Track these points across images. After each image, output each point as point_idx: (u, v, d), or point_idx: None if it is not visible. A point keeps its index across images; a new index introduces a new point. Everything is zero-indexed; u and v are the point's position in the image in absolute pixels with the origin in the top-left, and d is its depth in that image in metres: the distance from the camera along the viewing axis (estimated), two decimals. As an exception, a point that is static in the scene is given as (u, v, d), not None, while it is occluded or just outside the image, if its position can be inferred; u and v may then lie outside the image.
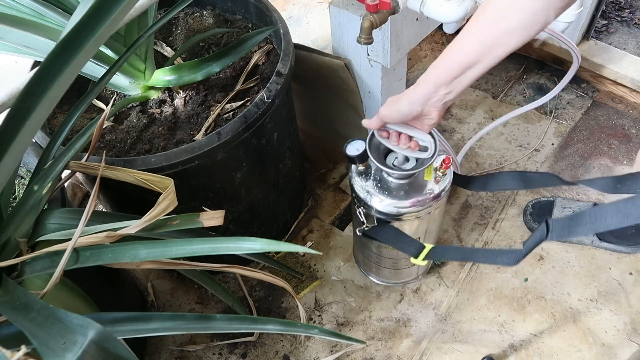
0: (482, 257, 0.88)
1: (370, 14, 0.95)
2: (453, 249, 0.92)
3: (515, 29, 0.65)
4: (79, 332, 0.57)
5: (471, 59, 0.69)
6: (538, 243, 0.80)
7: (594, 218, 0.72)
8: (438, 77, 0.73)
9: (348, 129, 1.42)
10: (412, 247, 0.94)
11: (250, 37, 1.07)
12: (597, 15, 1.53)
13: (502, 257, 0.83)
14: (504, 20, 0.65)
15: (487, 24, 0.67)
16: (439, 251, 0.93)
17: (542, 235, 0.78)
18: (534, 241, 0.80)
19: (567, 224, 0.75)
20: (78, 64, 0.56)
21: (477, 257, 0.89)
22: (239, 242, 0.71)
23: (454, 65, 0.71)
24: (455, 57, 0.71)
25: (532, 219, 1.36)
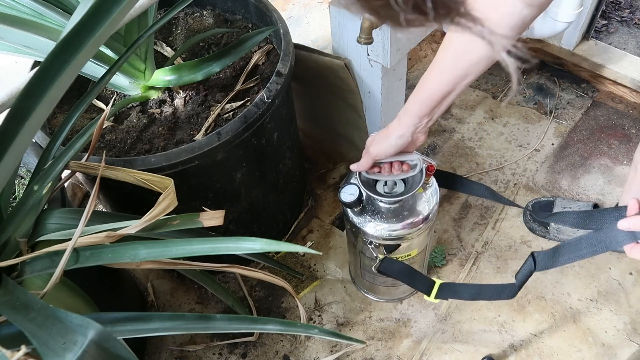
0: (488, 295, 0.96)
1: (370, 14, 0.95)
2: (462, 287, 1.00)
3: (481, 58, 0.72)
4: (79, 332, 0.57)
5: (446, 90, 0.77)
6: (529, 275, 0.89)
7: (573, 250, 0.82)
8: (420, 110, 0.81)
9: (348, 129, 1.42)
10: (423, 284, 1.00)
11: (250, 37, 1.07)
12: (597, 15, 1.53)
13: (504, 293, 0.93)
14: (469, 54, 0.72)
15: (455, 59, 0.74)
16: (449, 289, 0.99)
17: (531, 268, 0.88)
18: (524, 274, 0.89)
19: (551, 255, 0.85)
20: (78, 64, 0.56)
21: (484, 295, 0.97)
22: (239, 242, 0.71)
23: (432, 98, 0.79)
24: (433, 91, 0.78)
25: (532, 219, 1.36)
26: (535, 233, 1.35)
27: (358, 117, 1.33)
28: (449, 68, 0.75)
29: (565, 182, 1.45)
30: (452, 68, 0.75)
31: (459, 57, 0.73)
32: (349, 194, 0.96)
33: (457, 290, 0.99)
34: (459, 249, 1.36)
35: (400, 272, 1.03)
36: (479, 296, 0.97)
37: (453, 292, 0.99)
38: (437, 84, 0.77)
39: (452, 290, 0.99)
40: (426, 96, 0.79)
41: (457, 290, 0.99)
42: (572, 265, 1.30)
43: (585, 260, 1.30)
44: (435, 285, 0.99)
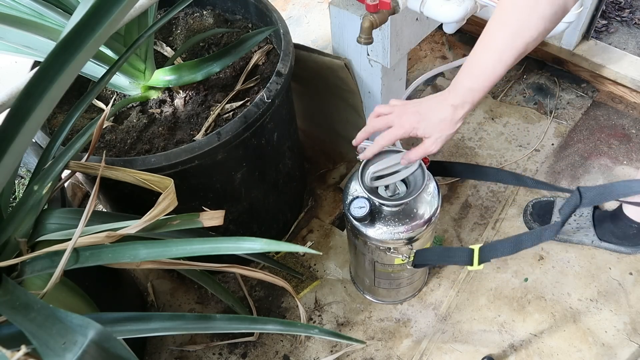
0: (529, 241, 0.90)
1: (370, 14, 0.95)
2: (501, 244, 0.93)
3: (539, 33, 0.69)
4: (79, 332, 0.57)
5: (505, 69, 0.73)
6: (573, 211, 0.85)
7: (625, 185, 0.80)
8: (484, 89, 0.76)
9: (348, 129, 1.42)
10: (462, 256, 0.95)
11: (250, 37, 1.07)
12: (597, 15, 1.53)
13: (545, 235, 0.87)
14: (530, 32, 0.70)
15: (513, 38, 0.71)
16: (488, 251, 0.94)
17: (577, 203, 0.84)
18: (569, 209, 0.85)
19: (600, 191, 0.82)
20: (78, 64, 0.56)
21: (525, 243, 0.90)
22: (239, 242, 0.71)
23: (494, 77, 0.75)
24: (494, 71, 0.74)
25: (532, 219, 1.36)
26: None
27: (358, 117, 1.33)
28: (507, 49, 0.72)
29: (565, 182, 1.45)
30: (510, 48, 0.71)
31: (518, 36, 0.71)
32: (359, 208, 0.95)
33: (496, 249, 0.93)
34: (459, 249, 1.36)
35: (436, 256, 1.01)
36: (521, 246, 0.90)
37: (493, 252, 0.93)
38: (499, 66, 0.74)
39: (492, 250, 0.93)
40: (487, 80, 0.75)
41: (496, 249, 0.93)
42: (572, 265, 1.30)
43: (585, 260, 1.30)
44: (475, 252, 0.94)
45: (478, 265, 0.93)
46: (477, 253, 0.93)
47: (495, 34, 0.72)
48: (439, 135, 0.81)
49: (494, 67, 0.73)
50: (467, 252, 0.94)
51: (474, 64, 0.76)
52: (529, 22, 0.69)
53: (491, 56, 0.73)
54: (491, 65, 0.74)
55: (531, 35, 0.70)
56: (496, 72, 0.74)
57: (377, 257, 1.06)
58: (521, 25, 0.70)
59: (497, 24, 0.72)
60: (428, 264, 1.03)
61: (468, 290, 1.28)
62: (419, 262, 1.01)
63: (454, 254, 0.97)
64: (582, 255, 1.31)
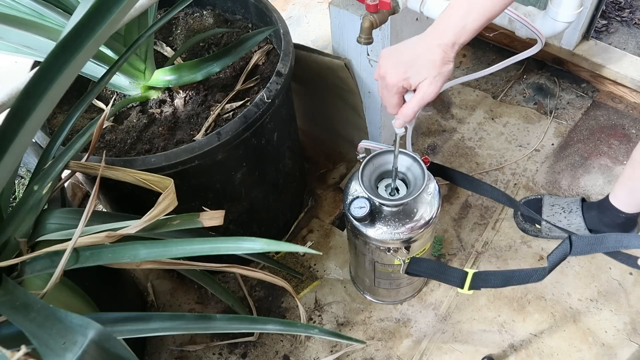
0: (518, 280, 0.91)
1: (370, 14, 0.95)
2: (493, 275, 0.94)
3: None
4: (79, 332, 0.57)
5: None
6: (562, 259, 0.83)
7: (616, 239, 0.78)
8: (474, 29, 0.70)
9: (348, 129, 1.42)
10: (455, 278, 0.95)
11: (250, 37, 1.07)
12: (597, 15, 1.53)
13: (533, 277, 0.88)
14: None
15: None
16: (480, 279, 0.94)
17: (566, 251, 0.82)
18: (557, 257, 0.84)
19: (591, 241, 0.81)
20: (78, 64, 0.56)
21: (514, 281, 0.91)
22: (239, 242, 0.71)
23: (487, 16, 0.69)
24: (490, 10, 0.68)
25: (524, 219, 1.36)
26: (528, 233, 1.35)
27: (358, 117, 1.33)
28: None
29: (565, 182, 1.45)
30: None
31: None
32: (359, 208, 0.94)
33: (488, 279, 0.93)
34: (459, 249, 1.36)
35: (429, 269, 1.00)
36: (510, 282, 0.91)
37: (484, 281, 0.93)
38: (496, 3, 0.67)
39: (484, 279, 0.94)
40: (482, 16, 0.68)
41: (488, 279, 0.93)
42: (572, 265, 1.30)
43: (585, 260, 1.30)
44: (468, 277, 0.93)
45: (467, 290, 0.94)
46: (470, 278, 0.94)
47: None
48: (434, 73, 0.71)
49: (494, 4, 0.67)
50: (461, 274, 0.95)
51: (473, 1, 0.68)
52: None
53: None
54: (491, 2, 0.67)
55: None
56: (495, 8, 0.67)
57: (377, 257, 1.06)
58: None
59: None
60: (421, 275, 1.02)
61: (468, 290, 1.28)
62: (412, 271, 1.00)
63: (448, 273, 0.97)
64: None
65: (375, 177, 0.97)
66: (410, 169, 0.96)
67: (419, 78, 0.71)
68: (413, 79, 0.72)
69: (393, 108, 0.76)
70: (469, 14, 0.68)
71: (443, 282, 0.99)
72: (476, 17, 0.68)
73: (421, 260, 1.01)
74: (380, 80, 0.75)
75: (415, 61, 0.71)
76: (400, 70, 0.72)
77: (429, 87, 0.71)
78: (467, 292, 0.94)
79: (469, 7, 0.68)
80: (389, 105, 0.77)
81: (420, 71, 0.71)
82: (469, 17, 0.68)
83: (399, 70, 0.72)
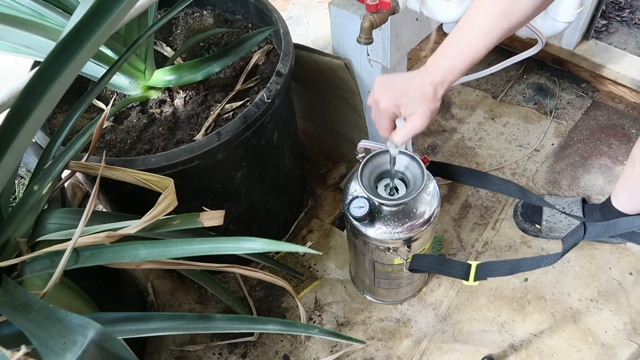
0: (527, 267, 0.91)
1: (370, 14, 0.95)
2: (499, 265, 0.94)
3: (529, 13, 0.69)
4: (79, 332, 0.57)
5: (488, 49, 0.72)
6: (575, 244, 0.85)
7: (628, 222, 0.82)
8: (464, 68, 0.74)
9: (348, 129, 1.42)
10: (459, 270, 0.96)
11: (250, 37, 1.07)
12: (597, 15, 1.53)
13: (544, 262, 0.88)
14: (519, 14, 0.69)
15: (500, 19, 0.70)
16: (486, 269, 0.94)
17: (579, 236, 0.85)
18: (571, 242, 0.86)
19: (604, 227, 0.84)
20: (78, 64, 0.56)
21: (523, 267, 0.92)
22: (239, 242, 0.71)
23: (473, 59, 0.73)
24: (476, 53, 0.72)
25: (524, 219, 1.35)
26: (528, 233, 1.35)
27: (358, 117, 1.33)
28: (493, 29, 0.71)
29: (565, 182, 1.45)
30: (496, 29, 0.70)
31: (506, 16, 0.69)
32: (358, 208, 0.94)
33: (494, 269, 0.94)
34: (459, 249, 1.36)
35: (432, 264, 1.00)
36: (518, 269, 0.91)
37: (491, 271, 0.94)
38: (482, 46, 0.72)
39: (490, 269, 0.94)
40: (468, 58, 0.73)
41: (494, 269, 0.94)
42: (572, 265, 1.30)
43: (585, 260, 1.30)
44: (472, 268, 0.94)
45: (473, 282, 0.95)
46: (474, 270, 0.95)
47: (483, 13, 0.71)
48: (424, 108, 0.76)
49: (478, 46, 0.72)
50: (464, 266, 0.96)
51: (458, 42, 0.74)
52: (519, 3, 0.68)
53: (476, 35, 0.72)
54: (475, 44, 0.72)
55: (519, 17, 0.69)
56: (479, 52, 0.72)
57: (377, 257, 1.06)
58: (510, 5, 0.68)
59: (485, 3, 0.71)
60: (424, 270, 1.03)
61: (468, 290, 1.28)
62: (416, 267, 1.01)
63: (452, 266, 0.98)
64: (582, 255, 1.31)
65: (374, 176, 0.97)
66: (410, 168, 0.96)
67: (410, 110, 0.76)
68: (404, 108, 0.77)
69: (384, 132, 0.82)
70: (456, 55, 0.73)
71: (447, 275, 1.00)
72: (463, 58, 0.73)
73: (423, 256, 1.02)
74: (374, 104, 0.80)
75: (407, 92, 0.76)
76: (393, 97, 0.76)
77: (418, 121, 0.76)
78: (473, 283, 0.95)
79: (456, 50, 0.73)
80: (380, 129, 0.82)
81: (411, 103, 0.76)
82: (456, 58, 0.73)
83: (391, 97, 0.77)
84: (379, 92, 0.78)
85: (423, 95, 0.75)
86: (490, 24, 0.70)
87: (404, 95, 0.76)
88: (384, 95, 0.77)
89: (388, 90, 0.78)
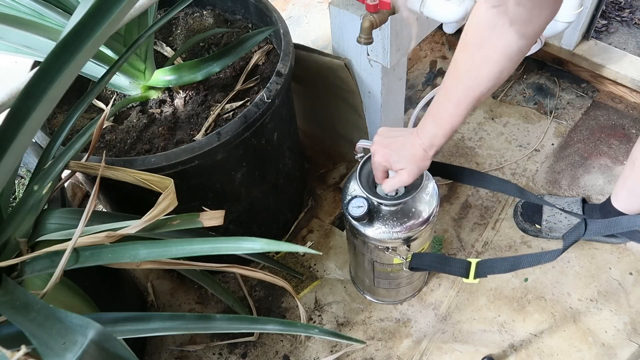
0: (527, 263, 0.93)
1: (370, 14, 0.95)
2: (499, 262, 0.95)
3: (491, 86, 0.76)
4: (79, 332, 0.57)
5: (464, 116, 0.81)
6: (576, 240, 0.89)
7: (629, 220, 0.84)
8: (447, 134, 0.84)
9: (348, 129, 1.42)
10: (459, 268, 0.97)
11: (250, 37, 1.07)
12: (597, 15, 1.53)
13: (544, 258, 0.91)
14: (480, 88, 0.76)
15: (466, 93, 0.78)
16: (486, 267, 0.96)
17: (580, 233, 0.88)
18: (572, 238, 0.89)
19: (605, 224, 0.87)
20: (78, 64, 0.56)
21: (523, 264, 0.93)
22: (239, 242, 0.71)
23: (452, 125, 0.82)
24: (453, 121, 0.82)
25: (524, 219, 1.35)
26: (528, 233, 1.35)
27: (358, 117, 1.33)
28: (463, 101, 0.78)
29: (565, 182, 1.45)
30: (465, 100, 0.78)
31: (470, 90, 0.77)
32: (357, 208, 0.95)
33: (494, 266, 0.95)
34: (458, 249, 1.36)
35: (432, 262, 1.02)
36: (519, 266, 0.93)
37: (491, 268, 0.95)
38: (457, 116, 0.81)
39: (490, 266, 0.95)
40: (448, 127, 0.82)
41: (494, 266, 0.95)
42: (572, 265, 1.30)
43: (585, 260, 1.30)
44: (472, 265, 0.96)
45: (473, 279, 0.96)
46: (474, 267, 0.95)
47: (452, 87, 0.79)
48: (412, 166, 0.86)
49: (452, 116, 0.80)
50: (464, 264, 0.97)
51: (436, 112, 0.82)
52: (479, 79, 0.75)
53: (449, 107, 0.80)
54: (449, 114, 0.80)
55: (481, 91, 0.76)
56: (455, 120, 0.81)
57: (376, 257, 1.06)
58: (472, 82, 0.76)
59: (452, 78, 0.79)
60: (424, 268, 1.03)
61: (468, 290, 1.28)
62: (416, 265, 1.01)
63: (451, 264, 0.99)
64: (582, 255, 1.31)
65: (373, 176, 0.97)
66: None
67: (400, 166, 0.86)
68: (395, 164, 0.87)
69: (377, 179, 0.93)
70: (436, 124, 0.83)
71: (447, 273, 1.00)
72: (443, 126, 0.82)
73: (423, 255, 1.02)
74: (372, 155, 0.91)
75: (400, 151, 0.86)
76: (386, 154, 0.87)
77: (406, 176, 0.87)
78: (473, 281, 0.96)
79: (437, 120, 0.83)
80: (375, 177, 0.93)
81: (401, 160, 0.86)
82: (437, 127, 0.83)
83: (385, 153, 0.87)
84: (377, 147, 0.89)
85: (413, 156, 0.86)
86: (458, 98, 0.78)
87: (396, 152, 0.86)
88: (380, 151, 0.88)
89: (384, 145, 0.88)
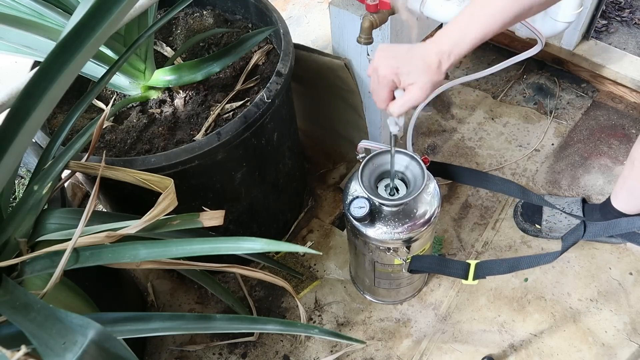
0: (526, 264, 0.91)
1: (370, 14, 0.95)
2: (498, 263, 0.94)
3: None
4: (79, 332, 0.57)
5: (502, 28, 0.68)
6: (575, 242, 0.87)
7: (627, 222, 0.83)
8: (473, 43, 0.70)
9: (348, 129, 1.42)
10: (458, 269, 0.96)
11: (250, 37, 1.07)
12: (597, 15, 1.53)
13: (543, 259, 0.89)
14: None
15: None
16: (485, 268, 0.94)
17: (579, 235, 0.86)
18: (571, 240, 0.88)
19: (604, 226, 0.85)
20: (78, 64, 0.56)
21: (522, 265, 0.92)
22: (239, 242, 0.71)
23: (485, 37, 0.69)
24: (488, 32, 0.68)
25: (524, 219, 1.35)
26: (528, 233, 1.35)
27: (358, 117, 1.33)
28: (510, 6, 0.67)
29: (565, 182, 1.45)
30: (513, 8, 0.66)
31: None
32: (358, 208, 0.94)
33: (493, 267, 0.94)
34: (458, 249, 1.36)
35: (432, 264, 1.01)
36: (517, 267, 0.91)
37: (490, 269, 0.94)
38: (495, 23, 0.68)
39: (489, 268, 0.94)
40: (481, 30, 0.69)
41: (493, 267, 0.94)
42: (572, 265, 1.30)
43: (585, 260, 1.30)
44: (471, 267, 0.95)
45: (472, 281, 0.95)
46: (473, 268, 0.95)
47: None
48: (425, 79, 0.71)
49: (492, 22, 0.68)
50: (463, 265, 0.96)
51: (473, 13, 0.69)
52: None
53: (492, 10, 0.67)
54: (490, 19, 0.68)
55: (533, 1, 0.65)
56: (493, 28, 0.68)
57: (377, 257, 1.06)
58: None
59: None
60: (423, 271, 1.03)
61: (468, 290, 1.28)
62: (415, 267, 1.01)
63: (450, 266, 0.98)
64: (582, 255, 1.31)
65: (375, 177, 0.97)
66: (410, 168, 0.96)
67: (410, 79, 0.71)
68: (404, 77, 0.72)
69: (382, 102, 0.77)
70: (469, 25, 0.69)
71: (446, 275, 1.00)
72: (475, 27, 0.69)
73: (422, 257, 1.02)
74: (373, 72, 0.75)
75: (410, 60, 0.71)
76: (393, 64, 0.72)
77: (417, 92, 0.72)
78: (472, 282, 0.95)
79: (470, 19, 0.69)
80: (378, 100, 0.77)
81: (412, 72, 0.71)
82: (469, 27, 0.69)
83: (391, 63, 0.72)
84: (380, 59, 0.74)
85: (426, 65, 0.70)
86: (505, 3, 0.66)
87: (405, 63, 0.71)
88: (385, 63, 0.73)
89: (389, 57, 0.73)
